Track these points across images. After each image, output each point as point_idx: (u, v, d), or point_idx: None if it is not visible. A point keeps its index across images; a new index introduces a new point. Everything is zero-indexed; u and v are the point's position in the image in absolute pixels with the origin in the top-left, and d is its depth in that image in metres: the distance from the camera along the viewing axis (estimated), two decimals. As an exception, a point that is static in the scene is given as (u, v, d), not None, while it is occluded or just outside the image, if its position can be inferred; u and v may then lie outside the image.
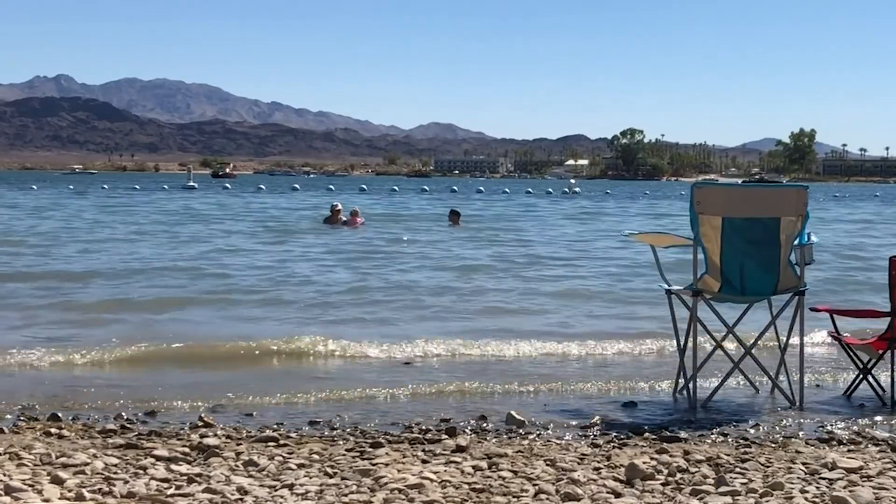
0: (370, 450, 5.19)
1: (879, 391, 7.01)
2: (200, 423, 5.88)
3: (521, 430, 5.89)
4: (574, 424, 6.11)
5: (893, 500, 4.38)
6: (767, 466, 4.96)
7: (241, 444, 5.29)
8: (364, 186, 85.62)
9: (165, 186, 74.36)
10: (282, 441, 5.41)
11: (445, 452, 5.18)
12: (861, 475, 4.78)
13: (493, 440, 5.59)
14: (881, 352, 6.92)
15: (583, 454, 5.21)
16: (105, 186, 70.52)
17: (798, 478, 4.72)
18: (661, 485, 4.59)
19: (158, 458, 4.89)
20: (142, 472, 4.61)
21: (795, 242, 6.74)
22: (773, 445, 5.53)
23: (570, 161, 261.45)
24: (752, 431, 5.99)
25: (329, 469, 4.77)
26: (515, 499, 4.35)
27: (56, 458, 4.83)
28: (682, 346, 7.04)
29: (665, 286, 6.99)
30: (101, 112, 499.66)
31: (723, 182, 57.61)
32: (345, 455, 5.08)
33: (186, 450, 5.09)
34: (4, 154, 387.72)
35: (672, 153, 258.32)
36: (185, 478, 4.54)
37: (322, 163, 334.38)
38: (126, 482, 4.43)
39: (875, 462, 5.09)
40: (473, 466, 4.85)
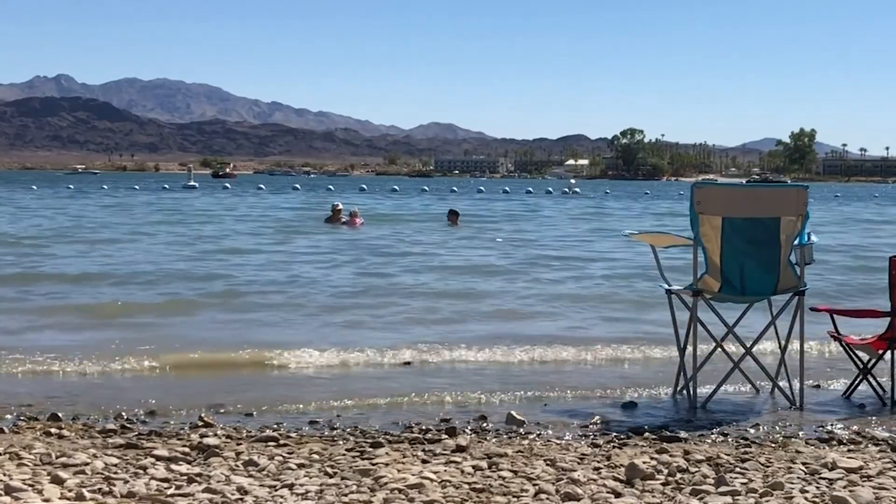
0: (370, 450, 5.19)
1: (879, 391, 7.02)
2: (200, 423, 5.88)
3: (521, 430, 5.89)
4: (574, 424, 6.11)
5: (893, 500, 4.38)
6: (767, 466, 4.96)
7: (241, 444, 5.29)
8: (364, 186, 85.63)
9: (166, 186, 74.38)
10: (282, 441, 5.41)
11: (445, 452, 5.18)
12: (861, 475, 4.78)
13: (493, 440, 5.58)
14: (881, 352, 6.93)
15: (583, 454, 5.21)
16: (105, 186, 70.50)
17: (798, 478, 4.72)
18: (661, 485, 4.59)
19: (158, 458, 4.88)
20: (142, 472, 4.61)
21: (795, 242, 6.74)
22: (773, 445, 5.53)
23: (571, 161, 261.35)
24: (752, 431, 5.99)
25: (329, 469, 4.77)
26: (515, 499, 4.35)
27: (56, 458, 4.82)
28: (682, 346, 7.05)
29: (665, 286, 7.00)
30: (102, 112, 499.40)
31: (722, 182, 57.70)
32: (345, 455, 5.08)
33: (186, 450, 5.09)
34: (4, 154, 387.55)
35: (672, 153, 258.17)
36: (185, 478, 4.54)
37: (322, 163, 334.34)
38: (126, 482, 4.43)
39: (875, 462, 5.09)
40: (473, 466, 4.85)
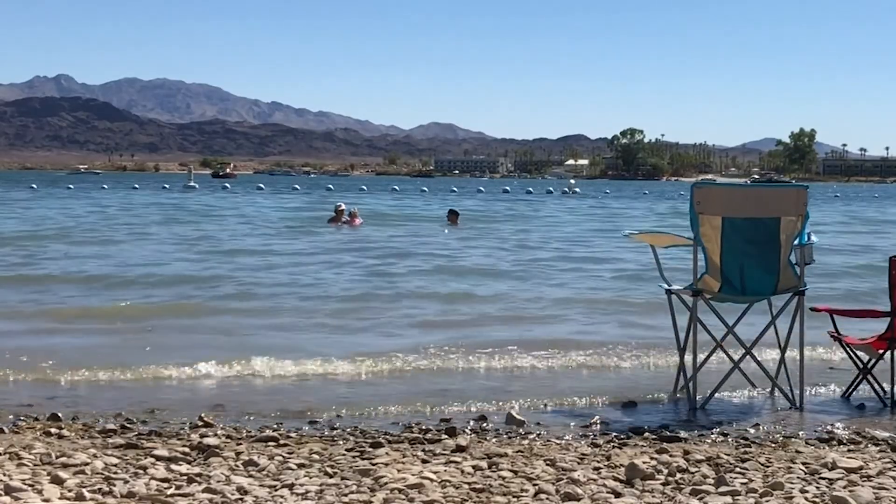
0: (370, 450, 5.19)
1: (879, 391, 7.01)
2: (200, 423, 5.87)
3: (521, 430, 5.89)
4: (574, 424, 6.11)
5: (893, 500, 4.38)
6: (767, 466, 4.96)
7: (241, 444, 5.29)
8: (364, 187, 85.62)
9: (165, 186, 74.36)
10: (282, 441, 5.41)
11: (445, 452, 5.18)
12: (861, 475, 4.78)
13: (493, 440, 5.58)
14: (881, 352, 6.92)
15: (583, 454, 5.21)
16: (105, 186, 70.50)
17: (798, 478, 4.72)
18: (661, 484, 4.59)
19: (158, 458, 4.88)
20: (142, 472, 4.61)
21: (795, 242, 6.74)
22: (773, 445, 5.53)
23: (571, 161, 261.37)
24: (752, 431, 5.99)
25: (329, 469, 4.77)
26: (515, 499, 4.35)
27: (56, 458, 4.82)
28: (682, 346, 7.05)
29: (665, 286, 7.00)
30: (101, 112, 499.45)
31: (722, 182, 57.65)
32: (345, 455, 5.08)
33: (186, 450, 5.09)
34: (4, 154, 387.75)
35: (672, 153, 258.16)
36: (185, 478, 4.54)
37: (322, 163, 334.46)
38: (126, 482, 4.43)
39: (875, 462, 5.09)
40: (473, 466, 4.85)
